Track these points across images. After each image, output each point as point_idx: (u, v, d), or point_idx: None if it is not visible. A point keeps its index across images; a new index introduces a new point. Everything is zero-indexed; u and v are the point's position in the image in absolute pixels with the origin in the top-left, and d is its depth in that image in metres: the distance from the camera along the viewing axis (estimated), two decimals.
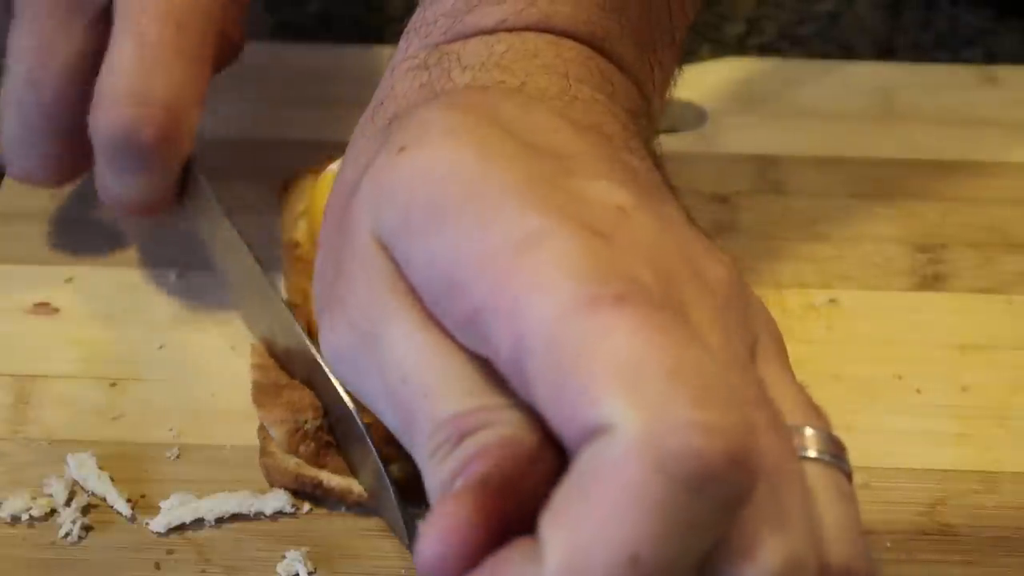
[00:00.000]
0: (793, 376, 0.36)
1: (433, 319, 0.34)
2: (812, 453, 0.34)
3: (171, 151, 0.48)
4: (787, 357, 0.37)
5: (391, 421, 0.35)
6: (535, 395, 0.31)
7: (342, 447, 0.45)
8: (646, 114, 0.42)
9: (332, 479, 0.45)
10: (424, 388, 0.34)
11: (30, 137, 0.50)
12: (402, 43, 0.42)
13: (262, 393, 0.47)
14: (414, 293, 0.35)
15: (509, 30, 0.40)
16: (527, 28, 0.40)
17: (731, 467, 0.29)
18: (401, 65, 0.41)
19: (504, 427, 0.33)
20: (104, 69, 0.48)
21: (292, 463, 0.45)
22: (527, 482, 0.32)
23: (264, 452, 0.46)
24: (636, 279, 0.32)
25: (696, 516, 0.29)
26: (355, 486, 0.45)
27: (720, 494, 0.29)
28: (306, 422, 0.46)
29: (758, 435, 0.31)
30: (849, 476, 0.34)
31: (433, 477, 0.33)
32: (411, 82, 0.40)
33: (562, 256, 0.32)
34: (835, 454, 0.34)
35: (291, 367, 0.48)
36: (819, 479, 0.33)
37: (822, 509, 0.33)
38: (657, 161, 0.41)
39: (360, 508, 0.45)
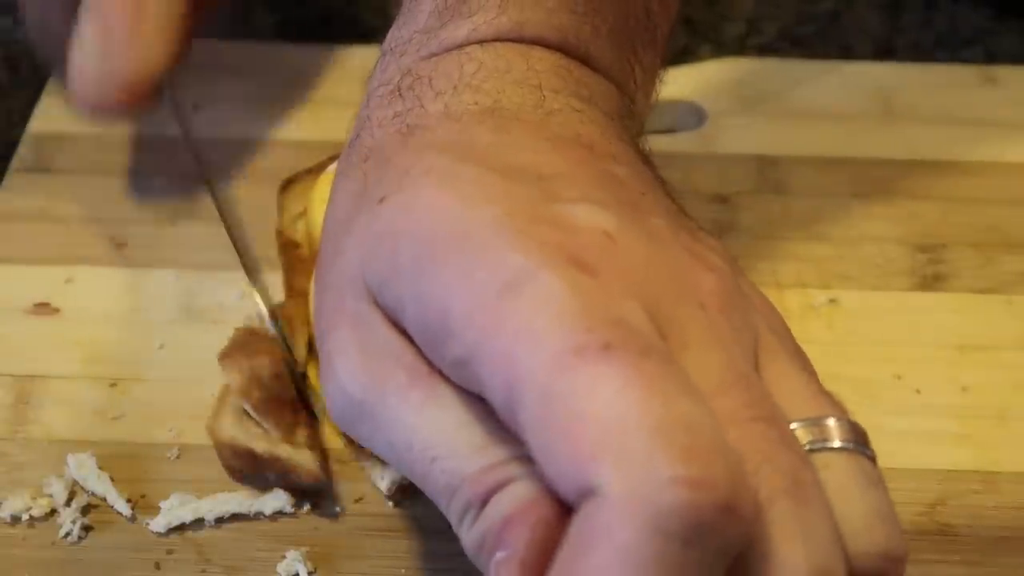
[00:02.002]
0: (802, 365, 0.36)
1: (426, 373, 0.34)
2: (836, 443, 0.34)
3: (141, 105, 0.53)
4: (793, 345, 0.37)
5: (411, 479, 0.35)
6: (529, 446, 0.31)
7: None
8: (629, 114, 0.42)
9: (266, 449, 0.44)
10: (431, 452, 0.34)
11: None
12: (378, 65, 0.42)
13: (229, 350, 0.47)
14: (405, 347, 0.35)
15: (480, 42, 0.40)
16: (498, 38, 0.40)
17: (721, 516, 0.29)
18: (377, 91, 0.41)
19: (523, 485, 0.32)
20: (75, 42, 0.52)
21: (227, 435, 0.45)
22: (560, 533, 0.31)
23: (211, 416, 0.46)
24: (623, 320, 0.32)
25: (693, 567, 0.29)
26: (293, 455, 0.44)
27: (714, 544, 0.29)
28: (263, 367, 0.46)
29: (762, 464, 0.31)
30: (873, 460, 0.34)
31: (466, 538, 0.33)
32: (385, 110, 0.39)
33: (547, 299, 0.32)
34: (858, 440, 0.34)
35: None
36: (846, 468, 0.33)
37: (852, 498, 0.33)
38: (646, 158, 0.40)
39: (297, 483, 0.44)
